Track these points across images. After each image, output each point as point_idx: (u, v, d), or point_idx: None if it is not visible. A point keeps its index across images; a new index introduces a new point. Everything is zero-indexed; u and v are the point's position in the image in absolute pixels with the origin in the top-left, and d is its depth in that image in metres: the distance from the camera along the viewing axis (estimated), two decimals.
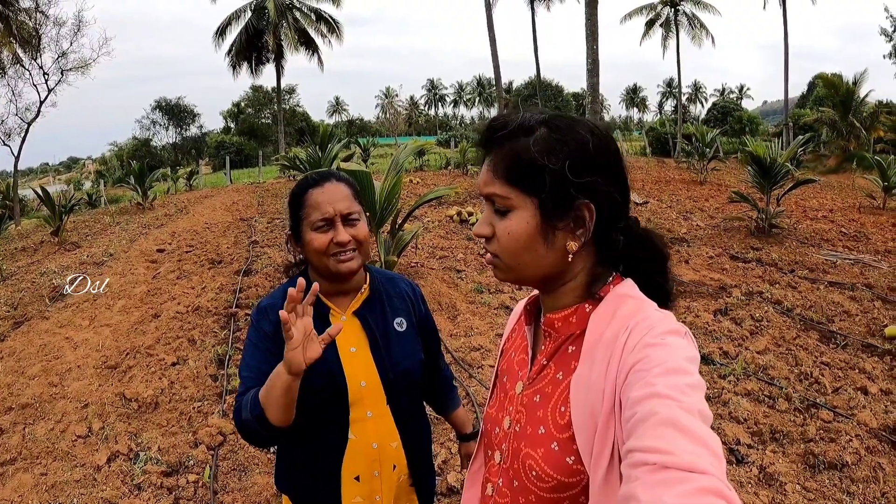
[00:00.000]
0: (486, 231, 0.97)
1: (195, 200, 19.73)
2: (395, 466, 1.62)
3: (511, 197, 0.92)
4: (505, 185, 0.92)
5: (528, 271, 0.96)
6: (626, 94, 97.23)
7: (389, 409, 1.61)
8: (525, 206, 0.92)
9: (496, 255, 0.97)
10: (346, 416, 1.56)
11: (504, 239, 0.94)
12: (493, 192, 0.94)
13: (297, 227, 1.59)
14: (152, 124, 56.87)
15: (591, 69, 15.92)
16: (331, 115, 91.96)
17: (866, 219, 12.03)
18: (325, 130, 16.29)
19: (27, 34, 19.59)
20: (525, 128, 0.92)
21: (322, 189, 1.56)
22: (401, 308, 1.70)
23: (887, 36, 29.20)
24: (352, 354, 1.58)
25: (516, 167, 0.91)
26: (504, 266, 0.97)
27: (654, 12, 37.06)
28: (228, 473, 3.65)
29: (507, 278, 0.99)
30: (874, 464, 3.45)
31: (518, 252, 0.94)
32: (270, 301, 1.62)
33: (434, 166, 26.98)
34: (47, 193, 13.08)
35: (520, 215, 0.92)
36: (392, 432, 1.61)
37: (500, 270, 0.99)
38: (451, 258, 8.85)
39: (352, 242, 1.54)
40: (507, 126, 0.94)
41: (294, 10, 32.90)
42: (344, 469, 1.56)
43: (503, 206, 0.94)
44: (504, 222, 0.94)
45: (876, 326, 5.70)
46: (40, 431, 4.15)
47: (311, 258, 1.58)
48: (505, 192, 0.93)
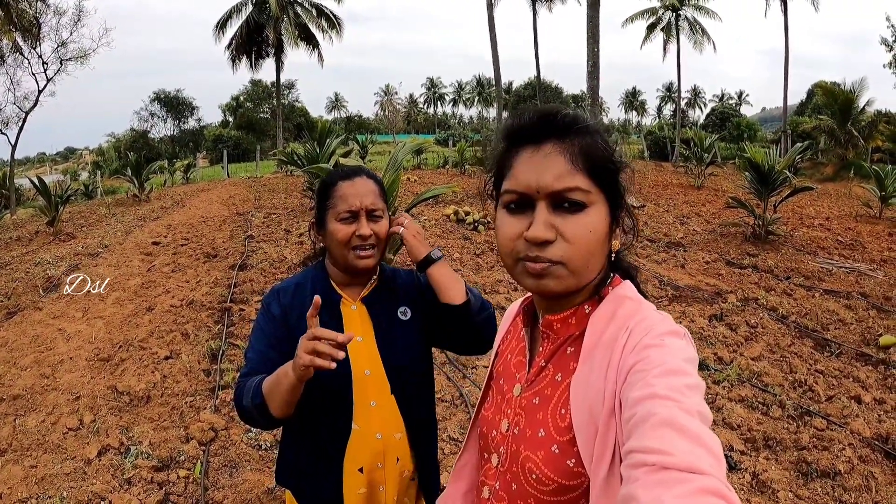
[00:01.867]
0: (552, 234, 0.87)
1: (192, 194, 19.72)
2: (398, 459, 1.62)
3: (592, 192, 0.88)
4: (587, 179, 0.88)
5: (589, 274, 0.91)
6: (626, 97, 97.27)
7: (394, 399, 1.61)
8: (601, 203, 0.90)
9: (559, 261, 0.87)
10: (350, 405, 1.57)
11: (583, 238, 0.87)
12: (576, 185, 0.87)
13: (322, 216, 1.62)
14: (150, 116, 56.69)
15: (591, 71, 15.91)
16: (330, 111, 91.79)
17: (863, 228, 12.08)
18: (324, 126, 16.29)
19: (27, 22, 19.50)
20: (588, 124, 0.92)
21: (352, 182, 1.60)
22: (405, 297, 1.71)
23: (888, 45, 29.24)
24: (358, 343, 1.60)
25: (596, 160, 0.89)
26: (569, 272, 0.88)
27: (655, 16, 37.09)
28: (219, 469, 3.63)
29: (564, 287, 0.89)
30: (867, 472, 3.46)
31: (593, 253, 0.89)
32: (284, 285, 1.67)
33: (432, 165, 27.03)
34: (43, 183, 13.05)
35: (598, 211, 0.89)
36: (396, 423, 1.61)
37: (557, 279, 0.88)
38: (447, 257, 8.83)
39: (372, 237, 1.57)
40: (577, 119, 0.91)
41: (295, 4, 32.86)
42: (347, 460, 1.57)
43: (582, 201, 0.87)
44: (582, 219, 0.87)
45: (871, 335, 5.71)
46: (31, 423, 4.13)
47: (332, 248, 1.61)
48: (588, 186, 0.88)
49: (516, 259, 0.91)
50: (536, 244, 0.87)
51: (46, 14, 20.28)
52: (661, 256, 9.33)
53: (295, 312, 1.59)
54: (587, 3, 15.90)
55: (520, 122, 0.94)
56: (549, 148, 0.89)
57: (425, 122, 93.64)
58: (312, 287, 1.62)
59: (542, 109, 0.93)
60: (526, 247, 0.88)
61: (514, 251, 0.91)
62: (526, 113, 0.94)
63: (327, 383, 1.54)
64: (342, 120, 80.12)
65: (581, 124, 0.90)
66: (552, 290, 0.90)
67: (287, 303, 1.61)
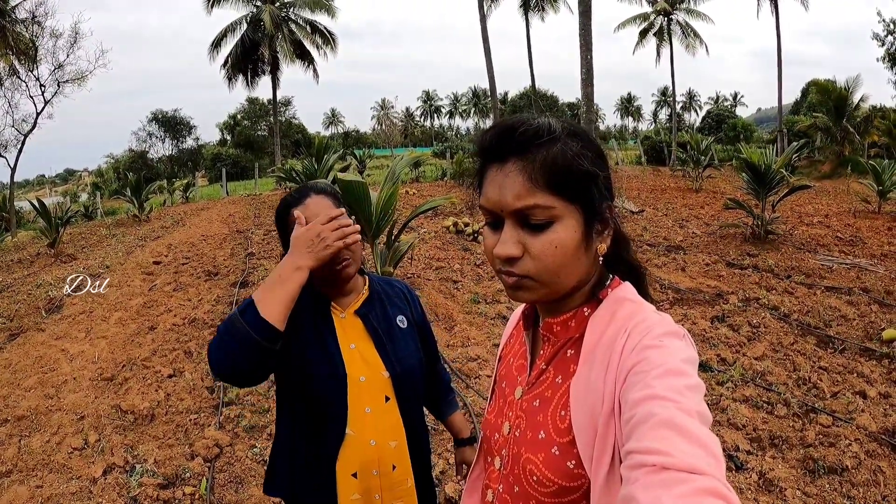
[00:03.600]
0: (517, 251, 0.88)
1: (191, 212, 19.74)
2: (394, 467, 1.62)
3: (556, 206, 0.86)
4: (548, 195, 0.86)
5: (565, 283, 0.91)
6: (621, 103, 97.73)
7: (396, 406, 1.63)
8: (570, 215, 0.88)
9: (527, 276, 0.89)
10: (345, 409, 1.57)
11: (548, 254, 0.87)
12: (535, 203, 0.86)
13: (287, 245, 1.59)
14: (149, 136, 56.76)
15: (585, 79, 15.97)
16: (327, 126, 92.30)
17: (862, 223, 12.08)
18: (321, 142, 16.36)
19: (24, 45, 19.61)
20: (553, 134, 0.89)
21: (304, 206, 1.58)
22: (400, 307, 1.75)
23: (880, 40, 29.37)
24: (351, 350, 1.61)
25: (558, 174, 0.86)
26: (540, 284, 0.89)
27: (647, 21, 37.27)
28: (225, 486, 3.62)
29: (538, 297, 0.92)
30: (874, 467, 3.45)
31: (563, 265, 0.88)
32: None
33: (430, 177, 27.06)
34: (43, 205, 13.09)
35: (566, 225, 0.87)
36: (392, 430, 1.62)
37: (529, 291, 0.91)
38: (447, 269, 8.86)
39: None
40: (539, 132, 0.88)
41: (290, 22, 33.01)
42: (340, 464, 1.57)
43: (545, 218, 0.87)
44: (547, 235, 0.87)
45: (873, 330, 5.70)
46: (36, 444, 4.12)
47: None
48: (549, 202, 0.86)
49: (498, 271, 0.93)
50: (504, 260, 0.89)
51: (43, 37, 20.43)
52: (661, 260, 9.33)
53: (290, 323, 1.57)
54: (579, 11, 15.97)
55: (484, 139, 0.93)
56: (510, 166, 0.88)
57: (422, 135, 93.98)
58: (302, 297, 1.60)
59: (502, 126, 0.91)
60: (500, 261, 0.90)
61: (495, 263, 0.92)
62: (490, 130, 0.94)
63: (323, 387, 1.56)
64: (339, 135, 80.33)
65: (543, 138, 0.88)
66: (526, 299, 0.93)
67: None
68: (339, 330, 1.62)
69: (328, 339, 1.60)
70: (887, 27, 28.81)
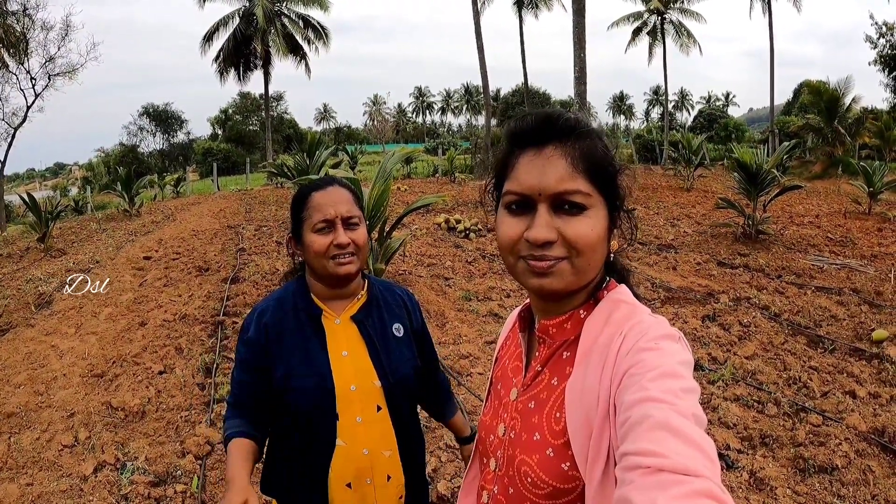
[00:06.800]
0: (553, 235, 0.89)
1: (182, 207, 19.66)
2: (389, 477, 1.60)
3: (592, 195, 0.90)
4: (587, 182, 0.89)
5: (592, 273, 0.93)
6: (613, 101, 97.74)
7: (388, 416, 1.61)
8: (600, 206, 0.91)
9: (567, 258, 0.89)
10: (334, 419, 1.55)
11: (584, 237, 0.88)
12: (577, 188, 0.88)
13: (298, 229, 1.61)
14: (139, 130, 56.62)
15: (578, 77, 16.01)
16: (319, 122, 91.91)
17: (852, 224, 12.15)
18: (313, 138, 16.29)
19: (14, 38, 19.45)
20: (590, 128, 0.94)
21: (325, 192, 1.59)
22: (398, 315, 1.72)
23: (872, 43, 29.53)
24: (342, 358, 1.58)
25: (596, 164, 0.91)
26: (572, 269, 0.90)
27: (640, 20, 37.35)
28: (217, 483, 3.61)
29: (565, 285, 0.91)
30: (864, 466, 3.47)
31: (594, 251, 0.90)
32: (264, 305, 1.66)
33: (422, 174, 27.09)
34: (33, 199, 12.99)
35: (598, 214, 0.90)
36: (385, 440, 1.60)
37: (560, 277, 0.90)
38: (439, 266, 8.85)
39: (351, 246, 1.56)
40: (579, 122, 0.92)
41: (282, 16, 32.90)
42: (332, 475, 1.55)
43: (582, 203, 0.89)
44: (583, 220, 0.89)
45: (863, 330, 5.74)
46: (26, 441, 4.09)
47: (310, 260, 1.60)
48: (588, 189, 0.89)
49: (518, 257, 0.92)
50: (538, 245, 0.89)
51: (34, 30, 20.29)
52: (652, 259, 9.36)
53: (274, 330, 1.60)
54: (573, 9, 16.01)
55: (522, 124, 0.95)
56: (550, 151, 0.90)
57: (414, 132, 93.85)
58: (294, 301, 1.63)
59: (545, 113, 0.94)
60: (528, 247, 0.90)
61: (516, 250, 0.92)
62: (529, 116, 0.95)
63: (310, 398, 1.54)
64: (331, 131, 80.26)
65: (583, 128, 0.92)
66: (554, 288, 0.91)
67: (268, 321, 1.61)
68: (331, 337, 1.60)
69: (316, 349, 1.57)
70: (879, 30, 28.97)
